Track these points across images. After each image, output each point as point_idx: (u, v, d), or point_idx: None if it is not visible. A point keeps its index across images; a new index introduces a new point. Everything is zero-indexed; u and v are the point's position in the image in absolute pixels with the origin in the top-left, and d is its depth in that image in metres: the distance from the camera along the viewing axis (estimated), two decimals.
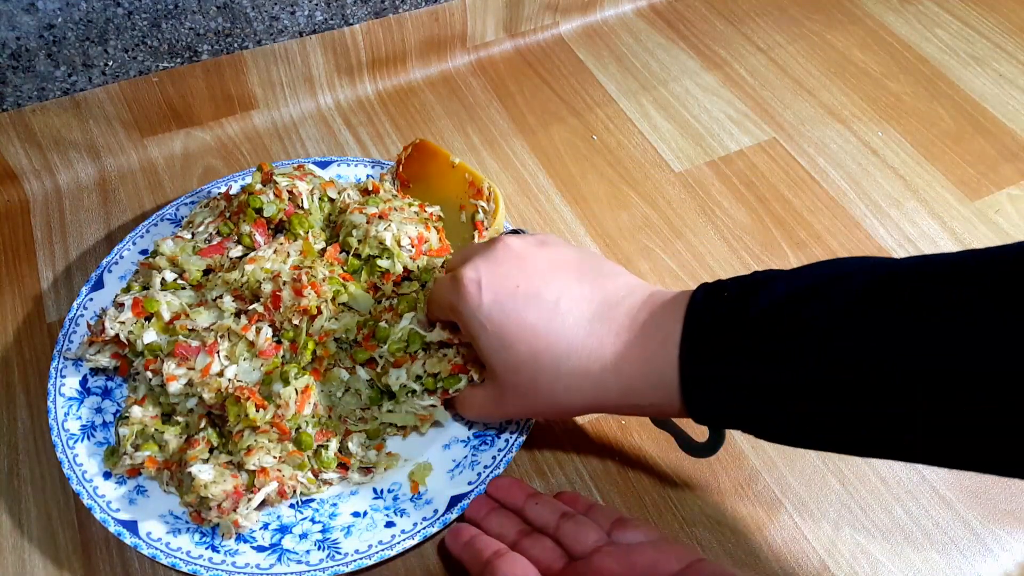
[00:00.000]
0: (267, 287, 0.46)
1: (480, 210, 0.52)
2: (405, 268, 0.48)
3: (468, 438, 0.45)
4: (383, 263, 0.48)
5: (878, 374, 0.30)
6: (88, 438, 0.45)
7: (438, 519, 0.42)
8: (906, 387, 0.29)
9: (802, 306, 0.32)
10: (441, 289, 0.42)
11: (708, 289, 0.36)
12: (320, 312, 0.46)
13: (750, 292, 0.34)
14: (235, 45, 0.62)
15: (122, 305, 0.46)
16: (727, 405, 0.35)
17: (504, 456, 0.44)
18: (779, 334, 0.32)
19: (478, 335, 0.39)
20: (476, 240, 0.49)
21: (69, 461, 0.43)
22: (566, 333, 0.37)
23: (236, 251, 0.50)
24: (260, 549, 0.41)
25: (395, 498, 0.43)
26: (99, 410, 0.46)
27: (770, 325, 0.32)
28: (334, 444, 0.44)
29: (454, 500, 0.43)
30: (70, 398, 0.46)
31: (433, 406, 0.45)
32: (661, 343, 0.36)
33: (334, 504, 0.43)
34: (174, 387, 0.43)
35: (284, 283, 0.46)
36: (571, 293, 0.38)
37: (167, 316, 0.46)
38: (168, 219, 0.55)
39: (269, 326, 0.45)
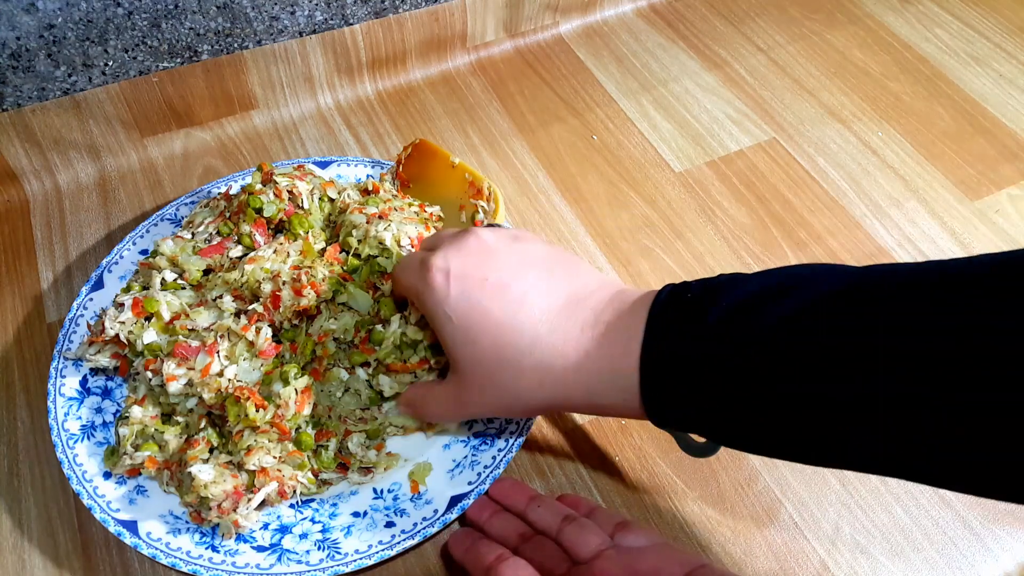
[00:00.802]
0: (267, 287, 0.46)
1: (480, 210, 0.52)
2: None
3: (468, 438, 0.45)
4: (383, 263, 0.48)
5: (835, 368, 0.29)
6: (88, 438, 0.45)
7: (438, 519, 0.42)
8: (865, 381, 0.28)
9: (759, 309, 0.32)
10: (408, 272, 0.41)
11: (673, 290, 0.36)
12: (320, 312, 0.46)
13: (712, 295, 0.34)
14: (235, 45, 0.62)
15: (122, 305, 0.46)
16: (684, 410, 0.34)
17: (504, 456, 0.44)
18: (735, 337, 0.32)
19: (443, 326, 0.39)
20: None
21: (69, 461, 0.43)
22: (531, 327, 0.37)
23: (236, 251, 0.50)
24: (260, 549, 0.41)
25: (395, 498, 0.43)
26: (99, 410, 0.46)
27: (727, 329, 0.32)
28: (334, 444, 0.44)
29: (454, 500, 0.43)
30: (70, 398, 0.46)
31: None
32: (624, 344, 0.35)
33: (334, 504, 0.43)
34: (174, 387, 0.43)
35: (284, 283, 0.46)
36: (539, 288, 0.38)
37: (167, 316, 0.46)
38: (168, 219, 0.55)
39: (269, 326, 0.45)
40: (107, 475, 0.43)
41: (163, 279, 0.48)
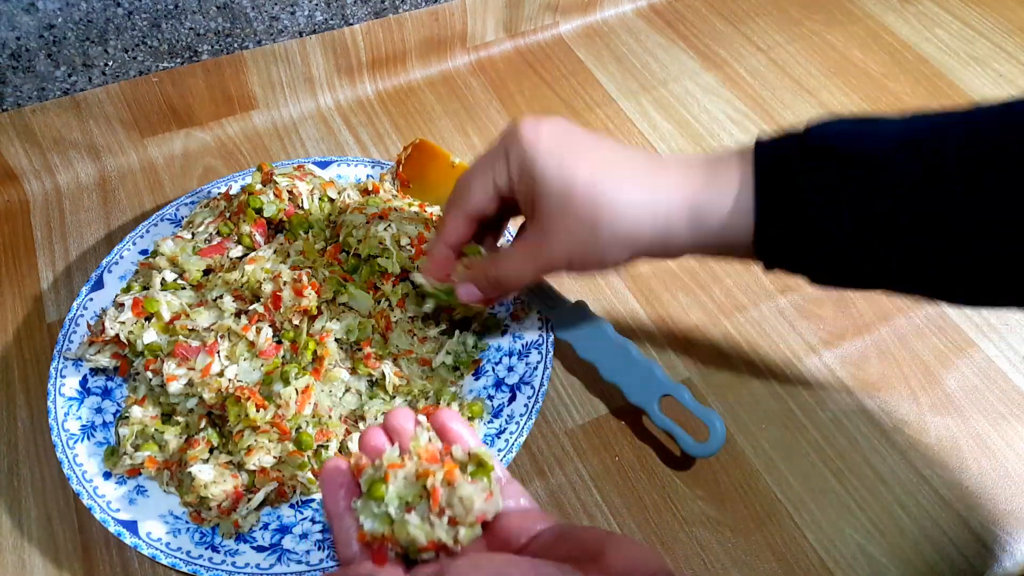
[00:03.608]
0: (267, 287, 0.46)
1: None
2: (404, 268, 0.49)
3: None
4: (383, 263, 0.48)
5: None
6: (88, 438, 0.45)
7: None
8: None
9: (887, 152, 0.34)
10: (489, 149, 0.40)
11: (773, 138, 0.36)
12: (320, 312, 0.46)
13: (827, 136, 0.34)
14: (235, 45, 0.62)
15: (122, 305, 0.46)
16: (805, 240, 0.34)
17: (504, 455, 0.44)
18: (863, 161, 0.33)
19: (534, 159, 0.37)
20: (482, 252, 0.48)
21: (69, 461, 0.43)
22: (632, 160, 0.37)
23: (236, 251, 0.50)
24: (260, 549, 0.41)
25: None
26: (99, 410, 0.46)
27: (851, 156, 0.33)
28: (334, 444, 0.44)
29: None
30: (70, 398, 0.46)
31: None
32: (736, 172, 0.35)
33: None
34: (174, 387, 0.43)
35: (284, 283, 0.46)
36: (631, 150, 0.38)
37: (167, 316, 0.46)
38: (168, 219, 0.55)
39: (269, 326, 0.45)
40: (107, 475, 0.43)
41: (163, 279, 0.48)
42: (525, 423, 0.45)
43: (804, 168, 0.33)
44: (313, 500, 0.44)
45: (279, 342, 0.46)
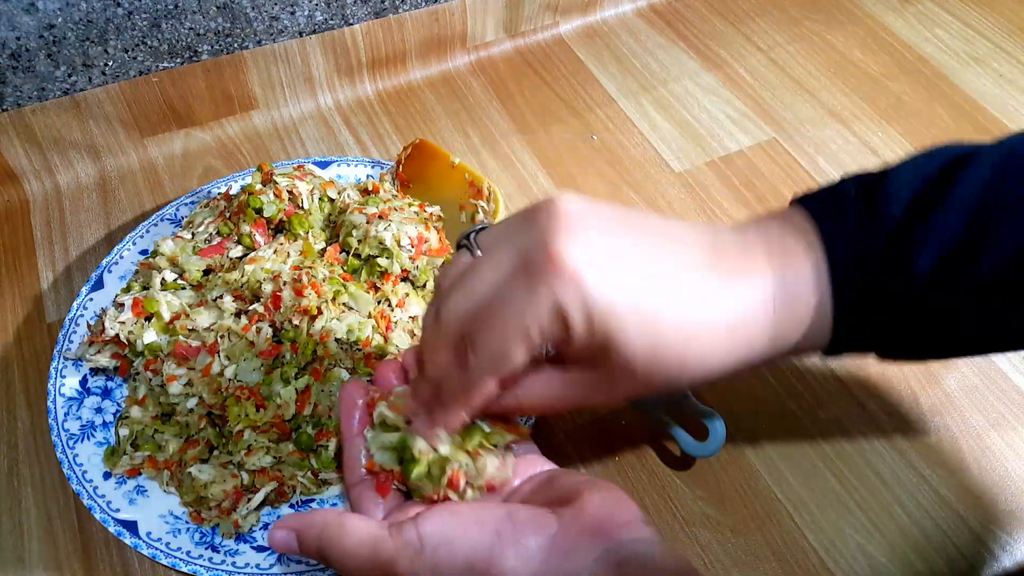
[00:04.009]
0: (267, 287, 0.46)
1: (480, 210, 0.52)
2: (404, 268, 0.49)
3: None
4: (383, 263, 0.48)
5: None
6: (88, 438, 0.45)
7: None
8: None
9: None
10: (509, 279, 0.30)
11: (825, 203, 0.32)
12: (320, 312, 0.46)
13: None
14: (235, 45, 0.62)
15: (122, 305, 0.46)
16: (890, 321, 0.31)
17: None
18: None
19: (604, 310, 0.29)
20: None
21: (69, 461, 0.43)
22: (688, 279, 0.30)
23: (236, 251, 0.50)
24: (260, 549, 0.41)
25: None
26: (99, 410, 0.46)
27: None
28: (334, 444, 0.44)
29: None
30: (70, 398, 0.46)
31: None
32: (807, 272, 0.31)
33: (334, 504, 0.43)
34: (174, 387, 0.43)
35: (284, 283, 0.46)
36: (673, 243, 0.31)
37: (167, 316, 0.46)
38: (168, 219, 0.55)
39: (269, 326, 0.45)
40: (107, 475, 0.43)
41: (163, 279, 0.48)
42: (525, 423, 0.45)
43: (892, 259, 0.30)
44: (313, 500, 0.44)
45: (279, 342, 0.46)
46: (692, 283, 0.30)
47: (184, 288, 0.48)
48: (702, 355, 0.30)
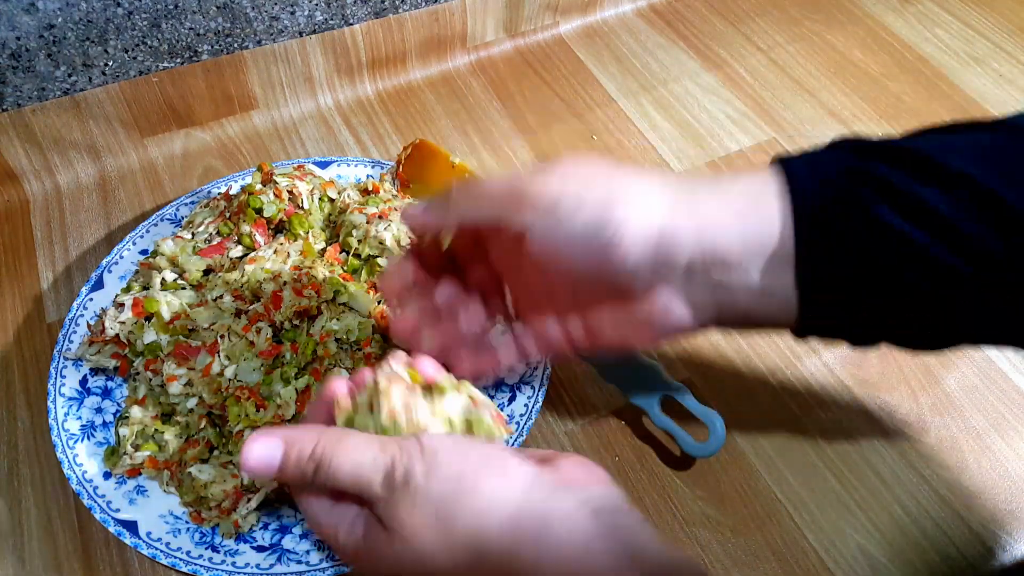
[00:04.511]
0: (268, 287, 0.46)
1: None
2: None
3: None
4: (383, 263, 0.48)
5: None
6: (88, 438, 0.45)
7: None
8: None
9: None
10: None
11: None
12: (320, 312, 0.46)
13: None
14: (235, 45, 0.62)
15: (122, 305, 0.46)
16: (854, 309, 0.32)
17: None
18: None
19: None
20: None
21: (69, 461, 0.43)
22: (661, 185, 0.34)
23: (236, 251, 0.50)
24: (260, 549, 0.41)
25: None
26: (99, 410, 0.46)
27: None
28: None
29: None
30: (70, 398, 0.46)
31: None
32: (768, 197, 0.32)
33: None
34: (174, 387, 0.43)
35: (284, 283, 0.46)
36: None
37: (167, 316, 0.46)
38: (168, 219, 0.55)
39: (269, 326, 0.45)
40: (107, 475, 0.43)
41: (163, 279, 0.48)
42: (525, 423, 0.45)
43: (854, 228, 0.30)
44: None
45: (279, 342, 0.46)
46: (664, 189, 0.33)
47: (184, 288, 0.48)
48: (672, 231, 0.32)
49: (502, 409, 0.46)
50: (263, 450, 0.32)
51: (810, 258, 0.32)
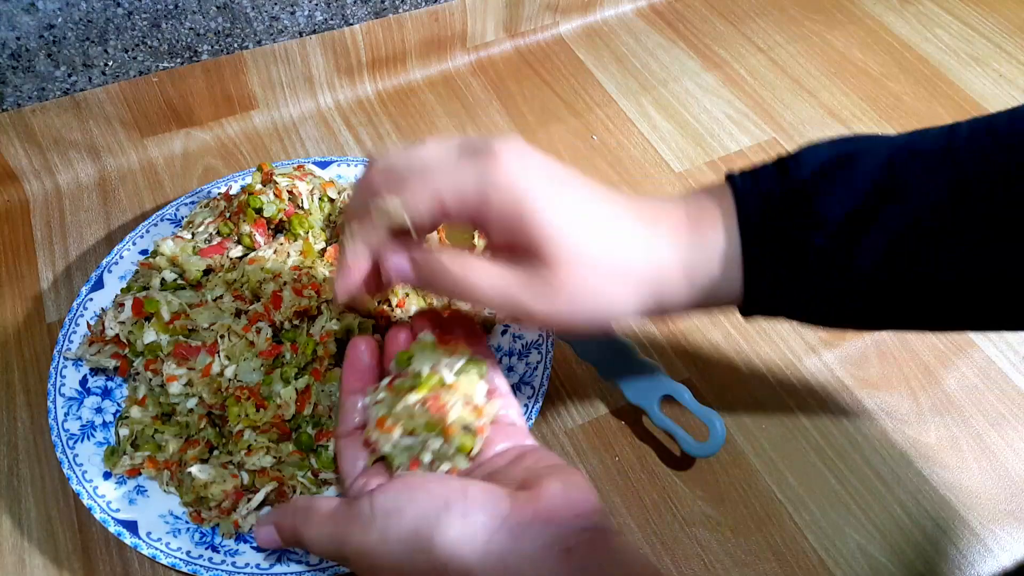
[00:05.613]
0: (268, 287, 0.46)
1: None
2: None
3: None
4: None
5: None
6: (88, 438, 0.45)
7: None
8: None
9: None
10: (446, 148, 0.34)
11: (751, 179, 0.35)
12: (320, 312, 0.46)
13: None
14: (235, 45, 0.62)
15: (122, 305, 0.46)
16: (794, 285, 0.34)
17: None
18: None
19: (531, 197, 0.32)
20: (476, 240, 0.48)
21: (69, 461, 0.43)
22: (628, 210, 0.35)
23: (236, 251, 0.50)
24: (260, 549, 0.41)
25: None
26: (99, 410, 0.46)
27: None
28: (334, 444, 0.44)
29: None
30: (70, 398, 0.46)
31: None
32: (720, 230, 0.34)
33: None
34: (174, 387, 0.43)
35: (285, 283, 0.46)
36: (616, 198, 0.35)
37: (167, 316, 0.46)
38: (168, 219, 0.55)
39: (269, 326, 0.45)
40: (107, 475, 0.43)
41: (163, 279, 0.48)
42: (525, 423, 0.45)
43: (794, 220, 0.33)
44: None
45: (279, 342, 0.46)
46: (615, 213, 0.34)
47: (184, 288, 0.48)
48: (627, 274, 0.34)
49: None
50: (266, 533, 0.38)
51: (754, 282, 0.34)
